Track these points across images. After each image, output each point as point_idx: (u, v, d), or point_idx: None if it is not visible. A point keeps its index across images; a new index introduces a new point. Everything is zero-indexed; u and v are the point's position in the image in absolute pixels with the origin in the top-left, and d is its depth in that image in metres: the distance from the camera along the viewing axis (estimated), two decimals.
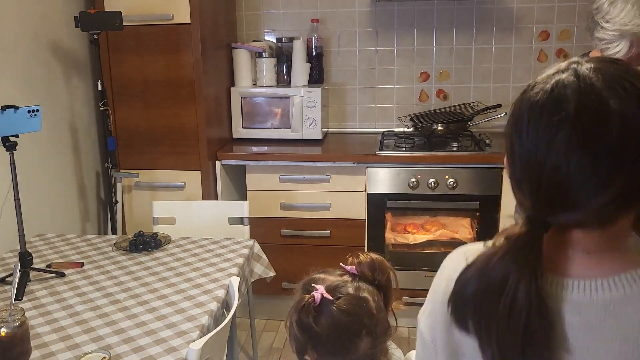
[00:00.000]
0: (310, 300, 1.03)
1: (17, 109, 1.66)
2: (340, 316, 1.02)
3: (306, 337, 1.04)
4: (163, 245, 2.05)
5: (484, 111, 2.91)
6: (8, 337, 1.30)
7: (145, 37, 2.62)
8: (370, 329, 1.03)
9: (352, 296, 1.05)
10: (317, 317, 1.03)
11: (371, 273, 1.09)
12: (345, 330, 1.03)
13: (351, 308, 1.03)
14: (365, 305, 1.05)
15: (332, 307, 1.03)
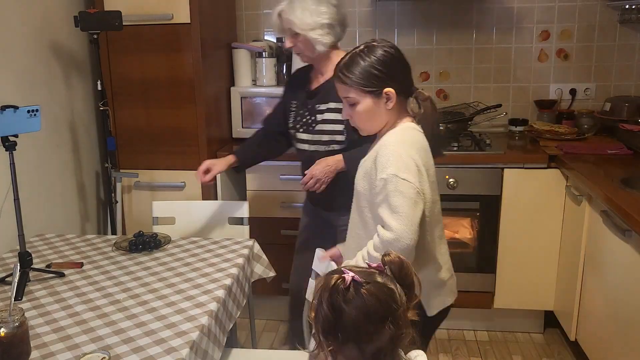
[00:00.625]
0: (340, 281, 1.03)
1: (16, 109, 1.65)
2: (370, 299, 1.02)
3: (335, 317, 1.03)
4: (163, 246, 2.05)
5: (484, 111, 2.91)
6: (8, 337, 1.30)
7: (145, 37, 2.62)
8: (396, 318, 1.03)
9: (380, 284, 1.05)
10: (346, 298, 1.02)
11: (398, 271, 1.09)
12: (373, 314, 1.03)
13: (381, 294, 1.04)
14: (392, 294, 1.05)
15: (362, 290, 1.03)
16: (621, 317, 2.08)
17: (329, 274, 1.08)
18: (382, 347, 1.04)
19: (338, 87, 1.55)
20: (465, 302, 2.85)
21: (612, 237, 2.11)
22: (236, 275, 1.83)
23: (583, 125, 3.00)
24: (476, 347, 2.81)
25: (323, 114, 2.11)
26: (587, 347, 2.42)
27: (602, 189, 2.15)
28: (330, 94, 2.05)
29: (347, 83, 1.51)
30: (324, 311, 1.04)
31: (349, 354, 1.05)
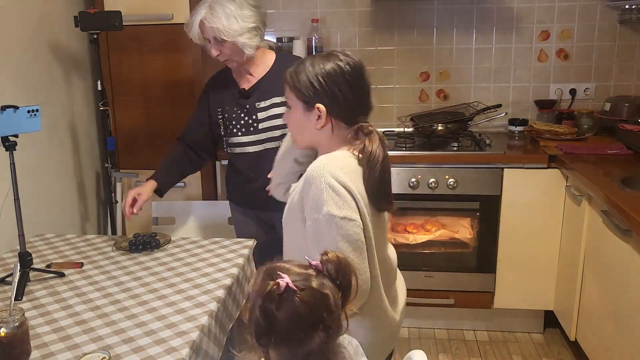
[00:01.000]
0: (275, 287, 1.05)
1: (16, 108, 1.65)
2: (301, 307, 1.04)
3: (267, 323, 1.05)
4: (163, 246, 2.04)
5: (484, 111, 2.91)
6: (8, 337, 1.30)
7: (145, 37, 2.62)
8: (327, 325, 1.06)
9: (315, 290, 1.07)
10: (279, 305, 1.04)
11: (335, 272, 1.10)
12: (303, 321, 1.05)
13: (313, 301, 1.05)
14: (326, 301, 1.07)
15: (295, 297, 1.04)
16: (621, 317, 2.08)
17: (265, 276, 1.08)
18: (313, 350, 1.06)
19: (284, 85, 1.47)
20: (465, 302, 2.86)
21: (612, 237, 2.11)
22: (236, 275, 1.83)
23: (583, 125, 3.00)
24: (476, 347, 2.81)
25: (267, 110, 2.09)
26: (587, 347, 2.42)
27: (602, 189, 2.15)
28: (273, 89, 2.05)
29: (288, 83, 1.44)
30: (256, 316, 1.06)
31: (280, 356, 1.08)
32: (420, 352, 1.34)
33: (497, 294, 2.82)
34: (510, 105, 3.19)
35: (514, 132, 3.09)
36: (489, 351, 2.78)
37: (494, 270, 2.79)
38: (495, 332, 2.94)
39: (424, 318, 2.96)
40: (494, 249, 2.76)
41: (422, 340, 2.87)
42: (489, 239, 2.77)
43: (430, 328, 2.98)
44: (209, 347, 1.52)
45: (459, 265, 2.86)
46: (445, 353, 2.77)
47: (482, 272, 2.81)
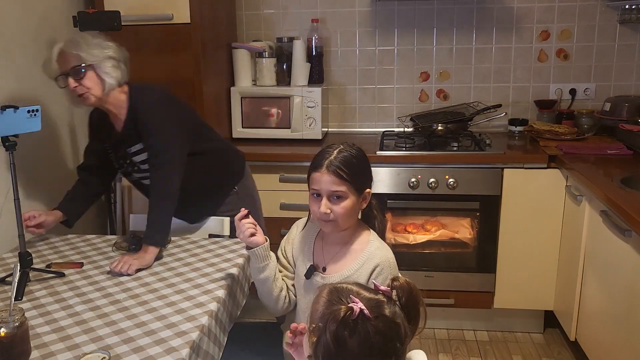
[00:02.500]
0: (348, 313, 1.01)
1: (16, 109, 1.65)
2: (375, 337, 1.01)
3: (337, 350, 1.01)
4: None
5: (484, 111, 2.91)
6: (8, 337, 1.30)
7: (145, 37, 2.62)
8: (399, 355, 1.04)
9: (388, 319, 1.04)
10: (353, 331, 1.01)
11: (406, 300, 1.08)
12: (377, 351, 1.02)
13: (387, 331, 1.03)
14: (398, 331, 1.04)
15: (368, 325, 1.01)
16: (621, 317, 2.08)
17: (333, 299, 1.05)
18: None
19: (328, 180, 1.54)
20: (465, 302, 2.86)
21: (612, 237, 2.11)
22: (236, 275, 1.83)
23: (583, 125, 3.00)
24: (476, 347, 2.81)
25: (138, 155, 2.04)
26: (587, 347, 2.42)
27: (602, 189, 2.15)
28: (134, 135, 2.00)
29: (346, 179, 1.54)
30: (327, 340, 1.02)
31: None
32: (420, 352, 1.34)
33: (497, 294, 2.82)
34: (510, 105, 3.19)
35: (514, 132, 3.09)
36: (489, 351, 2.78)
37: (494, 270, 2.79)
38: (495, 332, 2.94)
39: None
40: (494, 249, 2.76)
41: (422, 340, 2.87)
42: (489, 239, 2.77)
43: (430, 328, 2.98)
44: (209, 347, 1.52)
45: (459, 265, 2.86)
46: (445, 353, 2.77)
47: (482, 272, 2.81)
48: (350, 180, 1.55)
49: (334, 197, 1.56)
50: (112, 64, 1.93)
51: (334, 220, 1.58)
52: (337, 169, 1.54)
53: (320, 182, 1.56)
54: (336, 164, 1.55)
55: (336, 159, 1.56)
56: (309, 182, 1.61)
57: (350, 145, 1.62)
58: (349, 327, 1.01)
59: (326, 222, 1.59)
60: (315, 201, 1.59)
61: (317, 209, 1.58)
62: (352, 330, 1.01)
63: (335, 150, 1.58)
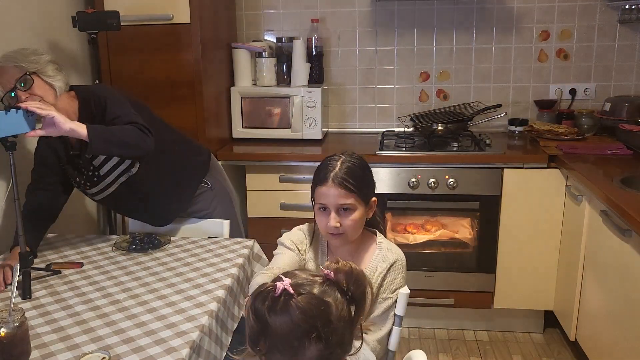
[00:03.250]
0: (270, 288, 1.00)
1: (18, 109, 1.67)
2: (294, 313, 0.98)
3: (259, 326, 1.00)
4: (163, 246, 2.04)
5: (484, 111, 2.91)
6: (8, 337, 1.30)
7: (145, 37, 2.62)
8: (321, 336, 0.98)
9: (313, 296, 1.01)
10: (271, 307, 0.99)
11: (346, 282, 1.04)
12: (295, 328, 0.98)
13: (308, 308, 0.99)
14: (325, 309, 1.00)
15: (290, 302, 0.99)
16: (621, 317, 2.08)
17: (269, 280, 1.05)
18: None
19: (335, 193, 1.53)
20: (465, 302, 2.86)
21: (612, 237, 2.11)
22: (236, 275, 1.83)
23: (583, 125, 3.00)
24: (476, 347, 2.81)
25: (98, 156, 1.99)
26: (587, 347, 2.42)
27: (602, 189, 2.15)
28: None
29: (353, 190, 1.54)
30: (250, 320, 1.01)
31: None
32: (420, 352, 1.34)
33: (497, 294, 2.82)
34: (510, 105, 3.19)
35: (514, 132, 3.09)
36: (489, 351, 2.78)
37: (494, 270, 2.79)
38: (495, 332, 2.94)
39: (424, 318, 2.97)
40: (494, 249, 2.76)
41: (422, 340, 2.87)
42: (489, 239, 2.77)
43: (430, 328, 2.98)
44: (211, 347, 1.52)
45: (459, 265, 2.86)
46: (445, 353, 2.77)
47: (482, 272, 2.81)
48: (357, 192, 1.54)
49: (342, 209, 1.55)
50: (54, 67, 1.89)
51: (343, 233, 1.56)
52: (343, 181, 1.53)
53: (327, 196, 1.54)
54: (341, 175, 1.54)
55: (340, 171, 1.54)
56: (314, 197, 1.59)
57: (351, 154, 1.61)
58: (268, 303, 0.99)
59: (335, 235, 1.57)
60: (323, 215, 1.57)
61: (326, 224, 1.56)
62: (272, 307, 0.99)
63: (338, 161, 1.57)
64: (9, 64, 1.82)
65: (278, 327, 0.99)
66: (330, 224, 1.54)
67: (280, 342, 0.99)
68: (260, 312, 0.99)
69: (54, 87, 1.87)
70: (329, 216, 1.55)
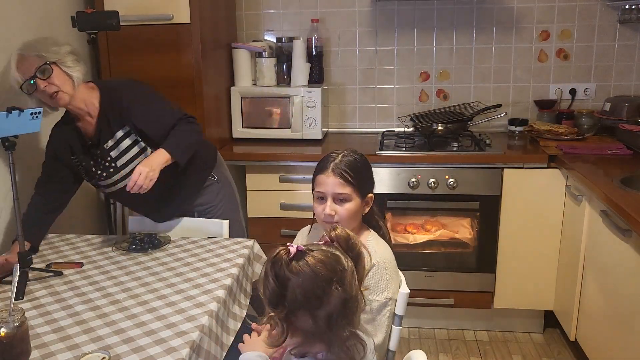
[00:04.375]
0: (284, 252, 1.08)
1: (21, 111, 1.68)
2: (314, 264, 1.06)
3: (280, 288, 1.07)
4: (163, 246, 2.04)
5: (484, 111, 2.91)
6: (8, 337, 1.30)
7: (145, 37, 2.62)
8: (342, 279, 1.07)
9: (324, 250, 1.10)
10: (291, 267, 1.07)
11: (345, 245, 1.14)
12: (319, 277, 1.06)
13: (324, 258, 1.08)
14: (337, 258, 1.10)
15: (307, 257, 1.07)
16: (621, 317, 2.08)
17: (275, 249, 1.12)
18: (333, 311, 1.07)
19: (334, 182, 1.59)
20: (465, 302, 2.86)
21: (612, 237, 2.11)
22: (236, 275, 1.83)
23: (583, 125, 3.00)
24: (476, 347, 2.81)
25: (116, 147, 2.02)
26: (587, 347, 2.42)
27: (602, 189, 2.15)
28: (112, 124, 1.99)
29: (351, 181, 1.59)
30: (270, 283, 1.07)
31: (302, 323, 1.08)
32: (420, 352, 1.34)
33: (497, 294, 2.82)
34: (510, 105, 3.19)
35: (514, 132, 3.09)
36: (489, 351, 2.78)
37: (494, 270, 2.79)
38: (495, 332, 2.94)
39: (424, 318, 2.97)
40: (494, 249, 2.76)
41: (422, 340, 2.87)
42: (489, 239, 2.76)
43: (430, 328, 2.98)
44: (211, 347, 1.52)
45: (459, 265, 2.86)
46: (445, 353, 2.77)
47: (482, 272, 2.81)
48: (355, 183, 1.60)
49: (339, 199, 1.60)
50: (73, 58, 1.94)
51: (337, 222, 1.60)
52: (342, 172, 1.60)
53: (325, 184, 1.61)
54: (341, 167, 1.60)
55: (341, 162, 1.61)
56: (314, 185, 1.65)
57: (354, 151, 1.68)
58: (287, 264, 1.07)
59: (330, 224, 1.61)
60: (320, 203, 1.63)
61: (322, 211, 1.61)
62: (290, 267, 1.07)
63: (340, 154, 1.64)
64: (30, 54, 1.87)
65: (301, 282, 1.06)
66: (326, 211, 1.61)
67: (304, 297, 1.06)
68: (281, 273, 1.06)
69: (72, 78, 1.91)
70: (325, 204, 1.61)
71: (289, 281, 1.06)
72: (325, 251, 1.10)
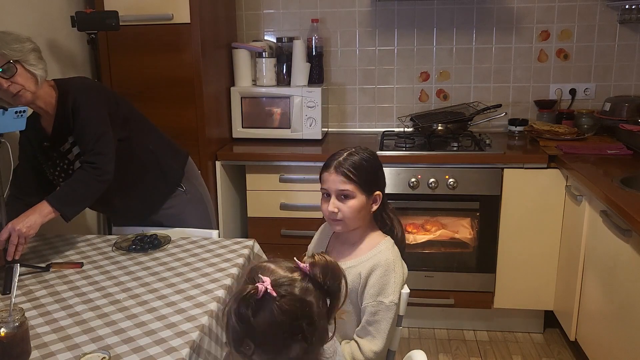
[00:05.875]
0: (252, 292, 1.00)
1: (5, 110, 1.69)
2: (279, 316, 1.00)
3: (243, 329, 1.01)
4: (163, 246, 2.04)
5: (484, 111, 2.92)
6: (8, 337, 1.29)
7: (145, 37, 2.62)
8: (307, 336, 1.01)
9: (297, 298, 1.02)
10: (256, 311, 1.00)
11: (323, 277, 1.05)
12: (281, 330, 1.00)
13: (293, 310, 1.00)
14: (308, 310, 1.02)
15: (273, 305, 1.00)
16: (621, 317, 2.08)
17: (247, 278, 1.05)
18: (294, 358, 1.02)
19: (336, 179, 1.60)
20: (465, 302, 2.86)
21: (612, 237, 2.11)
22: (236, 275, 1.83)
23: (583, 125, 3.00)
24: (476, 347, 2.81)
25: (72, 152, 1.98)
26: (587, 347, 2.42)
27: (602, 189, 2.15)
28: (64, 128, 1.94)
29: (353, 178, 1.59)
30: (233, 321, 1.02)
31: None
32: (420, 352, 1.34)
33: (497, 294, 2.82)
34: (510, 105, 3.19)
35: (514, 132, 3.09)
36: (489, 351, 2.78)
37: (494, 270, 2.79)
38: (495, 332, 2.94)
39: (424, 318, 2.97)
40: (494, 249, 2.76)
41: (422, 340, 2.87)
42: (489, 239, 2.77)
43: (430, 328, 2.98)
44: (211, 347, 1.52)
45: (459, 265, 2.86)
46: (445, 353, 2.77)
47: (482, 272, 2.81)
48: (357, 180, 1.60)
49: (342, 196, 1.61)
50: (36, 55, 1.86)
51: (342, 219, 1.62)
52: (345, 169, 1.60)
53: (328, 181, 1.62)
54: (345, 164, 1.61)
55: (345, 160, 1.62)
56: (320, 183, 1.67)
57: (364, 148, 1.67)
58: (253, 305, 1.00)
59: (335, 221, 1.64)
60: (325, 201, 1.64)
61: (326, 208, 1.63)
62: (256, 309, 1.00)
63: (346, 152, 1.64)
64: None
65: (263, 329, 1.00)
66: (329, 209, 1.62)
67: (264, 344, 1.01)
68: (245, 315, 1.01)
69: (36, 76, 1.85)
70: (329, 201, 1.62)
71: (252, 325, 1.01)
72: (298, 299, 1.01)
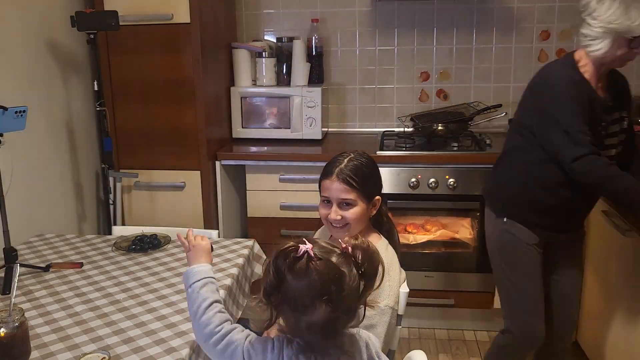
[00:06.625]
0: (293, 249, 1.07)
1: (5, 110, 1.69)
2: (312, 275, 1.05)
3: (276, 281, 1.07)
4: (162, 246, 2.04)
5: (484, 111, 2.91)
6: (8, 337, 1.30)
7: (144, 37, 2.62)
8: (332, 299, 1.05)
9: (331, 263, 1.07)
10: (291, 266, 1.06)
11: (361, 258, 1.11)
12: (310, 289, 1.05)
13: (325, 272, 1.06)
14: (340, 277, 1.07)
15: (309, 264, 1.06)
16: (622, 318, 2.08)
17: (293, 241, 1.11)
18: (315, 323, 1.06)
19: (338, 187, 1.59)
20: (465, 302, 2.86)
21: (612, 237, 2.11)
22: (236, 275, 1.83)
23: None
24: (476, 347, 2.81)
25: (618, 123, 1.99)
26: (587, 347, 2.42)
27: None
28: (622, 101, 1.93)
29: (355, 187, 1.59)
30: (270, 273, 1.08)
31: (287, 318, 1.10)
32: (420, 352, 1.34)
33: (497, 294, 2.82)
34: (510, 105, 3.18)
35: None
36: None
37: None
38: (495, 332, 2.93)
39: (424, 318, 2.96)
40: None
41: (422, 340, 2.87)
42: None
43: (430, 328, 2.98)
44: None
45: (459, 265, 2.86)
46: (445, 353, 2.77)
47: (482, 272, 2.81)
48: (360, 188, 1.60)
49: (344, 204, 1.61)
50: None
51: (347, 224, 1.62)
52: (347, 177, 1.60)
53: (330, 189, 1.61)
54: (346, 172, 1.60)
55: (346, 167, 1.61)
56: (320, 189, 1.66)
57: (361, 153, 1.68)
58: (290, 261, 1.06)
59: (337, 227, 1.63)
60: (326, 207, 1.64)
61: (327, 215, 1.63)
62: (292, 265, 1.06)
63: (345, 158, 1.64)
64: None
65: (294, 285, 1.06)
66: (331, 217, 1.61)
67: (293, 299, 1.06)
68: (281, 268, 1.07)
69: None
70: (330, 208, 1.62)
71: (285, 279, 1.07)
72: (333, 264, 1.07)
